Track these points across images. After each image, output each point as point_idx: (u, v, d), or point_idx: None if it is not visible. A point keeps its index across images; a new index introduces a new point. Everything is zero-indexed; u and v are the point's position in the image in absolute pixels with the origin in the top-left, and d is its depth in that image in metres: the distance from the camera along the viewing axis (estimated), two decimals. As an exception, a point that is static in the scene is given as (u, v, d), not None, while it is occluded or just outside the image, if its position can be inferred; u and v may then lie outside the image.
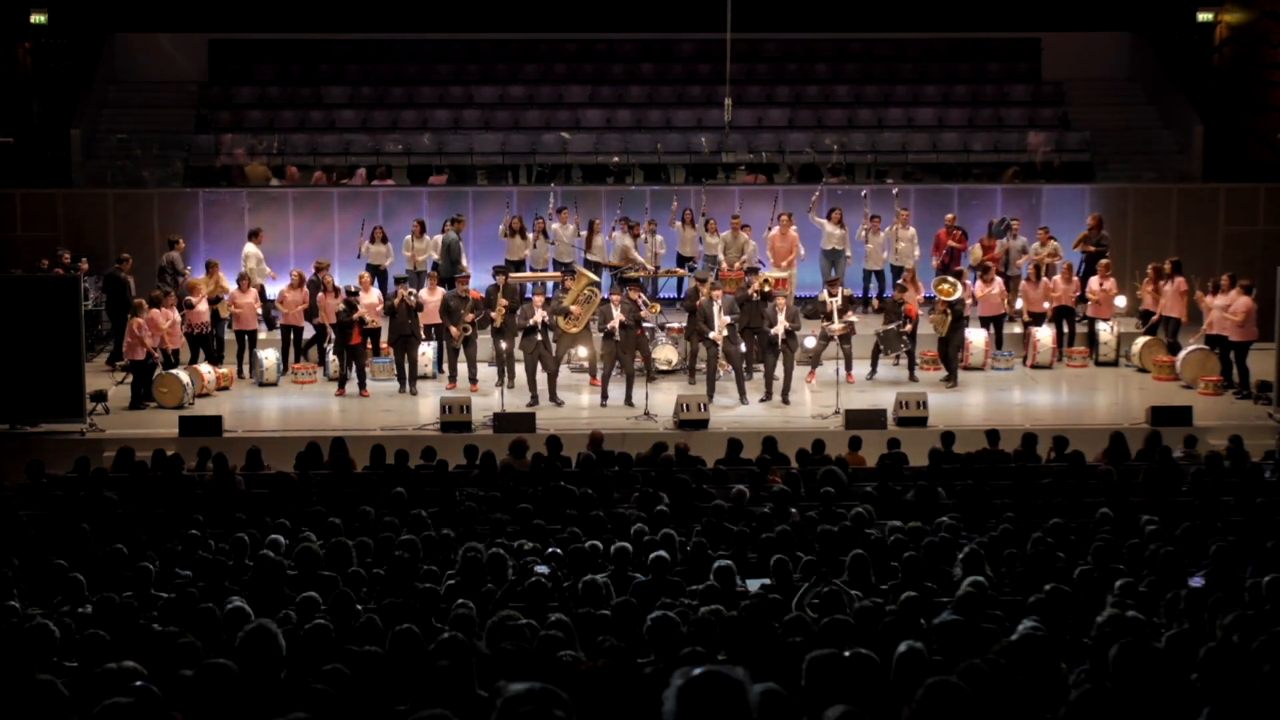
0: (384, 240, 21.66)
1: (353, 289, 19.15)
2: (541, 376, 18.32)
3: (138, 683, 6.13)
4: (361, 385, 18.92)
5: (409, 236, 21.65)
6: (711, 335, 18.27)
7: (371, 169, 24.20)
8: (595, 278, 19.64)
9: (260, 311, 20.25)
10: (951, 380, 19.28)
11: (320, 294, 19.65)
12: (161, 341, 18.57)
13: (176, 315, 19.01)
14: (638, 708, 6.07)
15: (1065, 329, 20.63)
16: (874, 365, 19.53)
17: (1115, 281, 20.44)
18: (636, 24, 26.59)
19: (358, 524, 11.30)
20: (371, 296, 19.40)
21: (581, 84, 26.44)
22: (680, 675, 3.79)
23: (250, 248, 21.02)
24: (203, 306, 19.55)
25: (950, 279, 19.59)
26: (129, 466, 14.09)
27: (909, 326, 19.21)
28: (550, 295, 20.23)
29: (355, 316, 18.65)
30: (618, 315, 18.19)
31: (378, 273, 21.15)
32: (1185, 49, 26.86)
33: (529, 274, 21.35)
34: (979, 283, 20.46)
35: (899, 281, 20.30)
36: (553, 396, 18.26)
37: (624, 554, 9.76)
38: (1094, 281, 20.40)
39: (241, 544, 10.41)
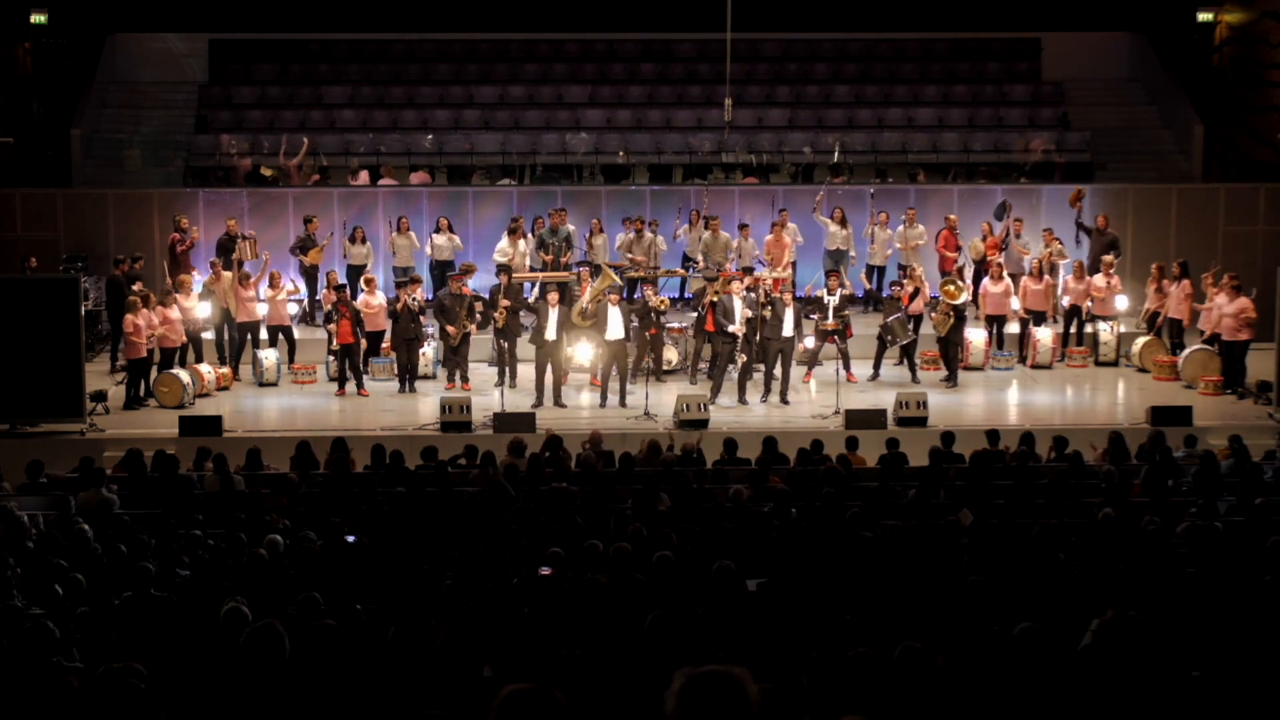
0: (363, 240, 21.67)
1: (341, 284, 19.21)
2: (547, 378, 18.32)
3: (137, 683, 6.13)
4: (359, 385, 18.91)
5: (394, 234, 21.71)
6: (731, 329, 18.23)
7: (374, 169, 24.21)
8: (618, 280, 19.52)
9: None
10: (951, 380, 19.28)
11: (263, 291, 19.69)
12: (160, 340, 18.55)
13: (173, 313, 18.95)
14: (636, 707, 6.08)
15: (1074, 328, 20.62)
16: (876, 366, 19.53)
17: (1119, 280, 20.45)
18: (636, 24, 26.59)
19: (357, 524, 11.30)
20: (377, 298, 19.39)
21: (581, 84, 26.43)
22: (682, 674, 3.80)
23: (509, 243, 21.07)
24: (191, 303, 19.44)
25: (957, 281, 19.60)
26: (136, 466, 14.04)
27: (911, 323, 19.24)
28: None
29: (345, 312, 18.63)
30: (615, 319, 18.21)
31: (358, 273, 21.14)
32: (1185, 49, 26.84)
33: (529, 274, 21.35)
34: (986, 280, 20.46)
35: (901, 280, 20.19)
36: (557, 399, 18.25)
37: (624, 554, 9.75)
38: (1099, 279, 20.40)
39: (241, 544, 10.41)
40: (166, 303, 18.83)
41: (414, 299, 18.93)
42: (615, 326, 18.25)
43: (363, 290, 19.62)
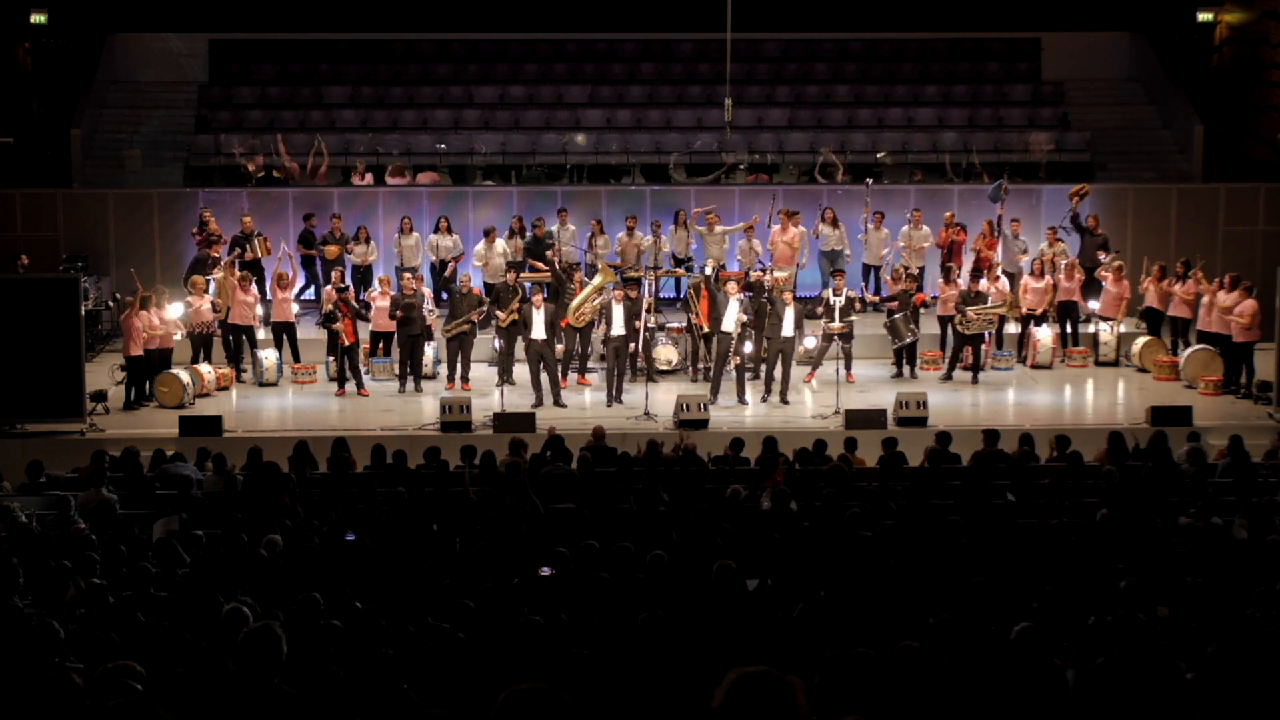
0: (367, 240, 21.69)
1: (343, 285, 19.23)
2: (544, 378, 18.34)
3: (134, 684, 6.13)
4: (359, 385, 18.92)
5: (397, 234, 21.76)
6: (726, 328, 18.27)
7: (379, 170, 24.22)
8: (616, 278, 19.57)
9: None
10: (948, 377, 19.37)
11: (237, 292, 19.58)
12: (161, 342, 18.57)
13: (168, 314, 18.91)
14: (636, 707, 6.08)
15: (1069, 328, 20.61)
16: (898, 364, 19.54)
17: (1129, 284, 20.39)
18: (636, 24, 26.59)
19: (358, 524, 11.30)
20: (383, 300, 19.39)
21: (581, 84, 26.44)
22: (735, 672, 3.81)
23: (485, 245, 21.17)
24: (204, 305, 19.49)
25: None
26: (131, 466, 14.05)
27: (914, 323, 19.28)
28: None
29: (346, 312, 18.63)
30: (619, 317, 18.27)
31: (359, 272, 21.16)
32: (1185, 49, 26.85)
33: (531, 274, 21.34)
34: (982, 281, 20.46)
35: (915, 275, 20.27)
36: (557, 399, 18.26)
37: (624, 554, 9.75)
38: (1109, 283, 20.37)
39: (241, 544, 10.40)
40: (163, 304, 18.84)
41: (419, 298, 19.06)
42: (616, 324, 18.33)
43: (376, 289, 19.67)
